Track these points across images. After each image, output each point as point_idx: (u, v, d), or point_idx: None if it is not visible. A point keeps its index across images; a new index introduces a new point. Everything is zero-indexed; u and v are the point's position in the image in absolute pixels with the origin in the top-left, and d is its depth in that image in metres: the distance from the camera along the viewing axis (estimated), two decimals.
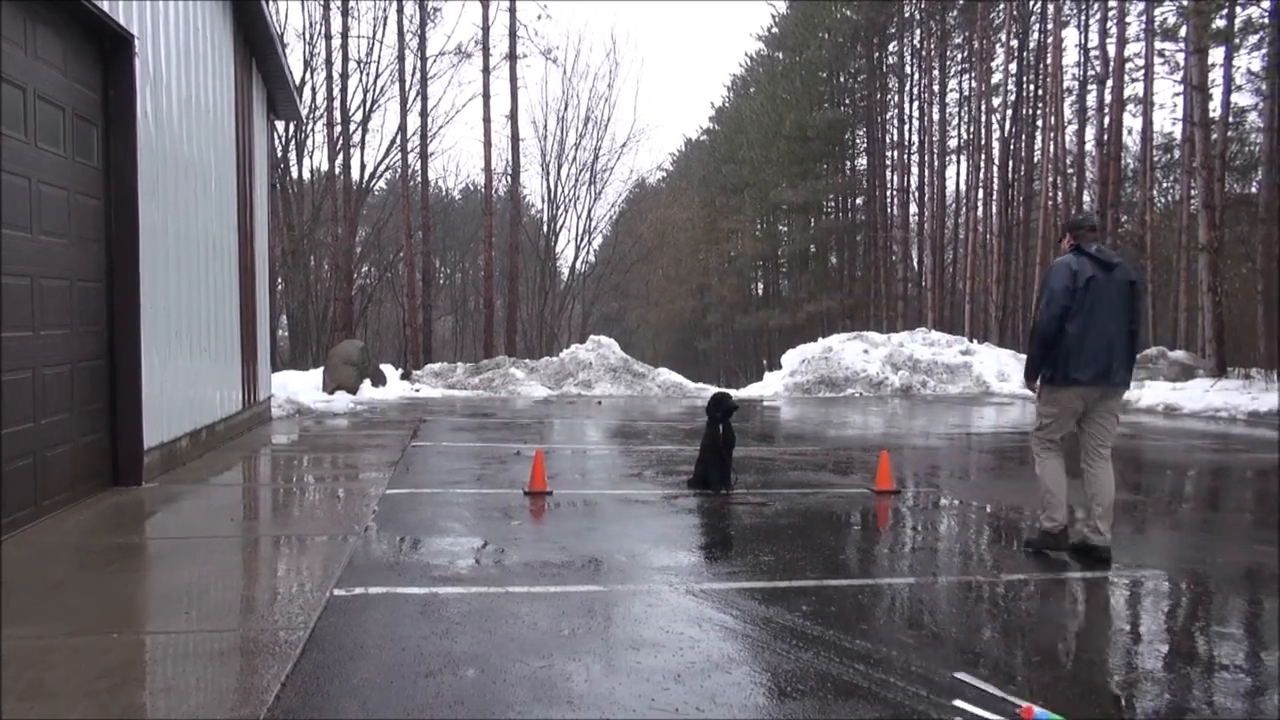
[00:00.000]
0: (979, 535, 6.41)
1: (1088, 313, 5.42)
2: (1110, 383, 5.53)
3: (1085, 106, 33.86)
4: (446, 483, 7.95)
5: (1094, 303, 5.41)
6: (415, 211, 32.44)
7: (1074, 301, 5.41)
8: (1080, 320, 5.42)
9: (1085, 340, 5.43)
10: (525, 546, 5.68)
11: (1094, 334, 5.43)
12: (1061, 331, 5.46)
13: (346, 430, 12.40)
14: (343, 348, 18.89)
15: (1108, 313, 5.43)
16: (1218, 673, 3.81)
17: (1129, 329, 5.53)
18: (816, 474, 8.88)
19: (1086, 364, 5.46)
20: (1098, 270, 5.43)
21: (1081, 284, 5.41)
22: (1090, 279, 5.41)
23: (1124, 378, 5.58)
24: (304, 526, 6.27)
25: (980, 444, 12.06)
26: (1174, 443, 11.96)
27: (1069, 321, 5.44)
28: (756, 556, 5.53)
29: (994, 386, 21.08)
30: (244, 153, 11.42)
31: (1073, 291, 5.41)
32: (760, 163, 47.67)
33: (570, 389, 20.22)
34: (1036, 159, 36.24)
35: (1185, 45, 25.20)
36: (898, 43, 44.87)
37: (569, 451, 10.53)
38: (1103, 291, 5.42)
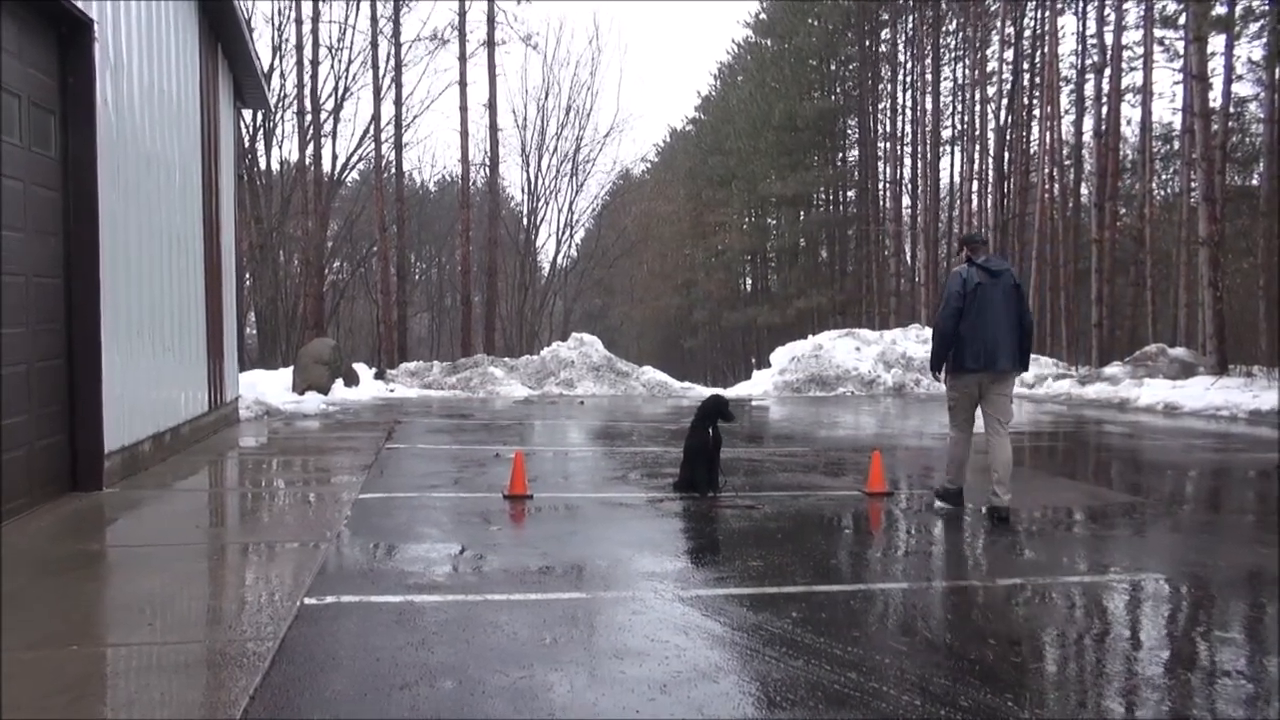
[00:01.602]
0: (974, 538, 6.44)
1: (976, 314, 6.80)
2: (997, 369, 6.88)
3: (1083, 96, 34.10)
4: (422, 486, 7.92)
5: (982, 305, 6.80)
6: (389, 204, 32.33)
7: (965, 305, 6.81)
8: (970, 320, 6.81)
9: (975, 336, 6.81)
10: (505, 552, 5.67)
11: (982, 330, 6.80)
12: (956, 330, 6.85)
13: (318, 432, 12.33)
14: (314, 346, 18.80)
15: (994, 313, 6.81)
16: (1219, 679, 3.84)
17: (1017, 323, 6.89)
18: (807, 476, 8.90)
19: (976, 355, 6.83)
20: (985, 278, 6.83)
21: (971, 290, 6.81)
22: (979, 285, 6.81)
23: (1009, 364, 6.90)
24: (273, 533, 6.24)
25: (975, 444, 12.10)
26: (1174, 442, 12.05)
27: (962, 322, 6.83)
28: (745, 561, 5.54)
29: None
30: (210, 142, 11.35)
31: (964, 296, 6.81)
32: (748, 154, 47.75)
33: (551, 389, 20.20)
34: (1033, 150, 36.45)
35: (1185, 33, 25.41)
36: (890, 29, 45.04)
37: (550, 454, 10.51)
38: (989, 295, 6.81)
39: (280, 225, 34.67)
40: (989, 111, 38.00)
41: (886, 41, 45.65)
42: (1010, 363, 6.88)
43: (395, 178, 32.70)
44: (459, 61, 30.53)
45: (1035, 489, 8.37)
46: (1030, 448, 12.15)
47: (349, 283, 45.03)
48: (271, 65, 33.41)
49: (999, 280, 6.82)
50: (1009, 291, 6.84)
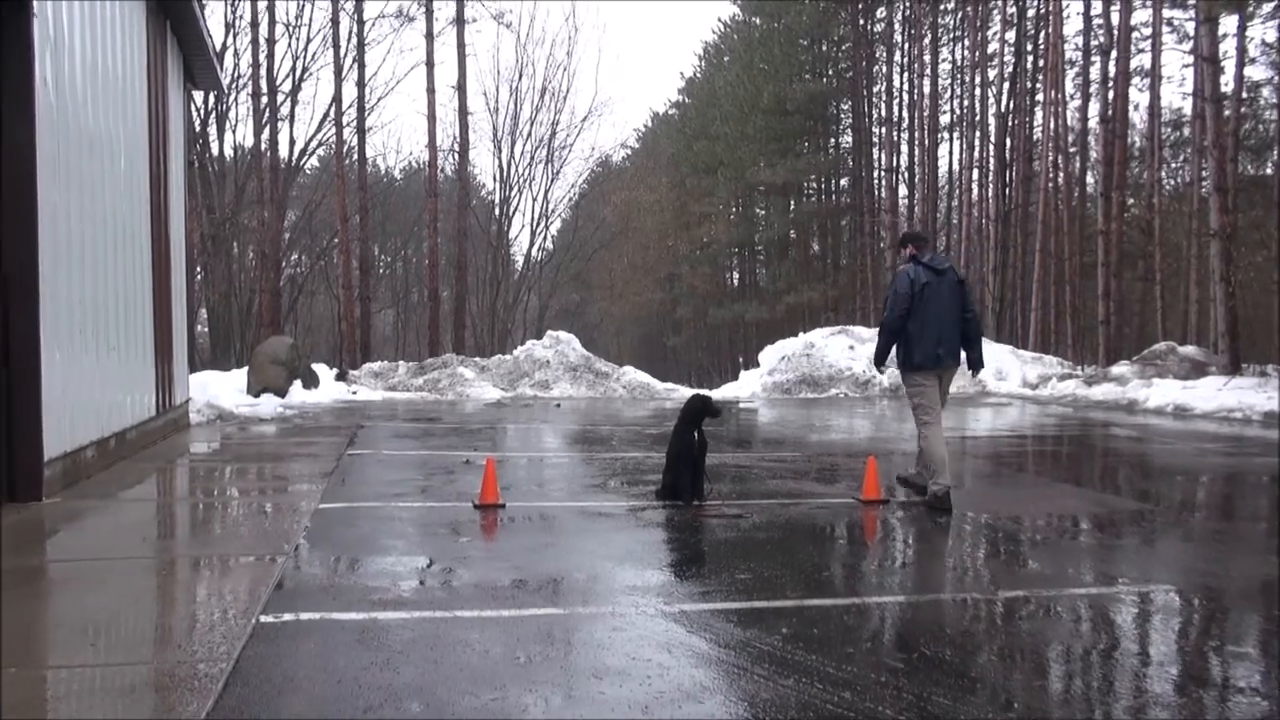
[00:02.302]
0: (975, 548, 6.48)
1: (925, 312, 7.51)
2: (943, 366, 7.62)
3: (1088, 80, 34.30)
4: (387, 495, 7.90)
5: (928, 303, 7.50)
6: (351, 193, 32.19)
7: (913, 304, 7.49)
8: (920, 318, 7.51)
9: (924, 333, 7.53)
10: (476, 566, 5.65)
11: (930, 327, 7.52)
12: (905, 328, 7.55)
13: (274, 437, 12.27)
14: (270, 345, 18.70)
15: (937, 310, 7.53)
16: (1233, 696, 3.88)
17: (963, 317, 7.64)
18: (798, 482, 8.92)
19: (926, 351, 7.55)
20: (931, 276, 7.52)
21: (919, 289, 7.49)
22: (925, 284, 7.49)
23: (955, 360, 7.68)
24: (226, 546, 6.20)
25: (975, 448, 12.18)
26: (1184, 446, 12.16)
27: (910, 320, 7.52)
28: (732, 574, 5.55)
29: (991, 385, 21.32)
30: (158, 126, 11.26)
31: (911, 296, 7.49)
32: (735, 139, 47.82)
33: (526, 390, 20.16)
34: (1036, 137, 36.65)
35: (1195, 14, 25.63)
36: (885, 8, 45.20)
37: (524, 460, 10.50)
38: (936, 293, 7.51)
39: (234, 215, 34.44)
40: (990, 95, 38.24)
41: (882, 20, 45.83)
42: (955, 359, 7.69)
43: (358, 164, 32.55)
44: (426, 40, 30.45)
45: (1039, 496, 8.42)
46: (1034, 452, 12.23)
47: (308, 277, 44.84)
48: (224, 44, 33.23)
49: (944, 278, 7.58)
50: (953, 288, 7.61)
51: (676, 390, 21.33)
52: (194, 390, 14.15)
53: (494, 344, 42.33)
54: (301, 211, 42.28)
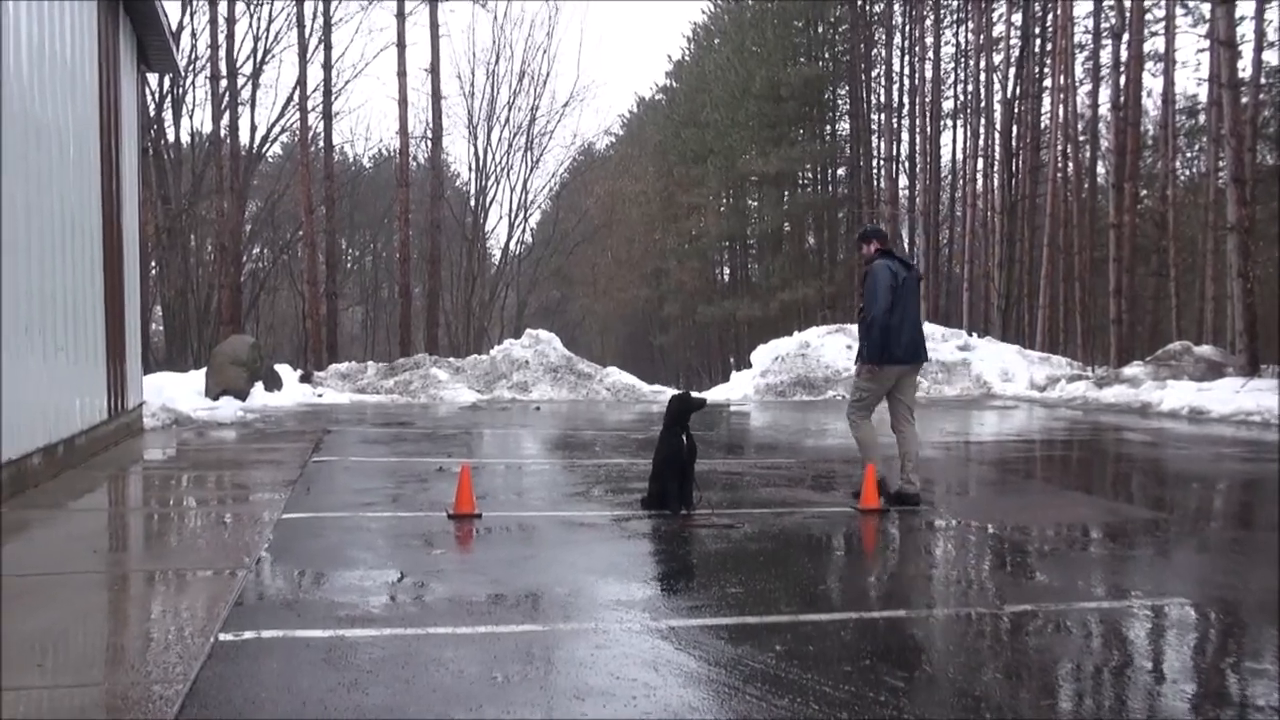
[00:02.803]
0: (980, 560, 6.50)
1: (902, 306, 7.95)
2: (918, 359, 8.19)
3: (1099, 64, 34.52)
4: (355, 505, 7.87)
5: (904, 297, 7.97)
6: (317, 182, 32.09)
7: (896, 297, 7.90)
8: (899, 313, 7.93)
9: (903, 328, 7.96)
10: (450, 579, 5.64)
11: (908, 323, 8.00)
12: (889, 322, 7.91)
13: (234, 443, 12.22)
14: (229, 345, 18.63)
15: (912, 304, 8.06)
16: (1252, 716, 3.90)
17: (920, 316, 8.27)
18: (792, 490, 8.94)
19: (905, 346, 8.00)
20: (904, 271, 8.01)
21: (900, 283, 7.92)
22: (904, 279, 7.96)
23: (926, 355, 8.40)
24: (183, 559, 6.17)
25: (981, 454, 12.23)
26: (1200, 451, 12.23)
27: (892, 315, 7.90)
28: (723, 588, 5.55)
29: (996, 387, 21.41)
30: (109, 111, 11.20)
31: (895, 289, 7.90)
32: (726, 126, 47.89)
33: (503, 392, 20.14)
34: (1044, 125, 36.83)
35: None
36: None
37: (501, 467, 10.48)
38: (909, 288, 8.02)
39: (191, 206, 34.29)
40: (995, 80, 38.37)
41: (881, 1, 45.97)
42: (926, 354, 8.42)
43: (324, 152, 32.46)
44: (397, 20, 30.39)
45: (1048, 505, 8.46)
46: (1042, 458, 12.28)
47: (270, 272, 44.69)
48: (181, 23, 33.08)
49: (911, 273, 8.12)
50: (916, 284, 8.19)
51: (663, 392, 21.33)
52: (148, 393, 14.08)
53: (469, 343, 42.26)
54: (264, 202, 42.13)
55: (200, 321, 34.30)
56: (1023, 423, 16.16)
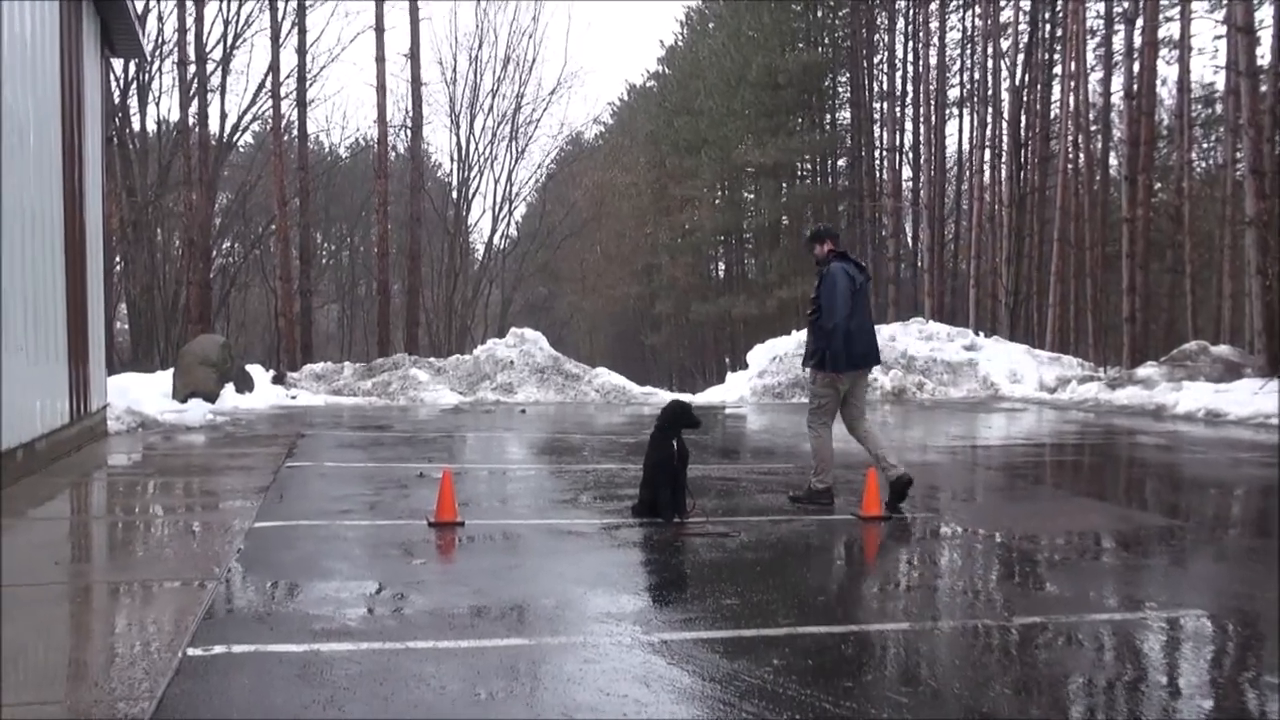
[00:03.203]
0: (987, 570, 6.51)
1: (858, 310, 8.21)
2: (870, 363, 8.48)
3: (1111, 51, 34.56)
4: (331, 513, 7.86)
5: (859, 301, 8.23)
6: (290, 173, 32.01)
7: (855, 302, 8.16)
8: (857, 317, 8.19)
9: (861, 332, 8.23)
10: (431, 591, 5.63)
11: (864, 327, 8.29)
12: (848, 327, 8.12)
13: (203, 448, 12.19)
14: (198, 344, 18.59)
15: (865, 308, 8.35)
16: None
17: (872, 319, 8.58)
18: None
19: (862, 351, 8.26)
20: (858, 274, 8.26)
21: (858, 287, 8.20)
22: (862, 284, 8.25)
23: (879, 357, 8.77)
24: (149, 570, 6.15)
25: (988, 459, 12.25)
26: (1217, 455, 12.27)
27: (851, 319, 8.11)
28: (718, 599, 5.55)
29: (1004, 389, 21.46)
30: (71, 98, 11.16)
31: (853, 293, 8.14)
32: (721, 115, 47.91)
33: (487, 394, 20.13)
34: (1054, 114, 36.89)
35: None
36: None
37: (485, 472, 10.47)
38: (860, 291, 8.26)
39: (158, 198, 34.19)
40: (1003, 68, 38.43)
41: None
42: (879, 358, 8.76)
43: (298, 141, 32.40)
44: (374, 2, 30.32)
45: (1058, 512, 8.48)
46: (1052, 463, 12.31)
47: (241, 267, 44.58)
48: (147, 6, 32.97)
49: (864, 275, 8.37)
50: (866, 287, 8.42)
51: (655, 394, 21.33)
52: (113, 395, 14.04)
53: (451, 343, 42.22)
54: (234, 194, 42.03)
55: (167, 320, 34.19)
56: (1032, 426, 16.20)
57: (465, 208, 49.96)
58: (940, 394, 21.14)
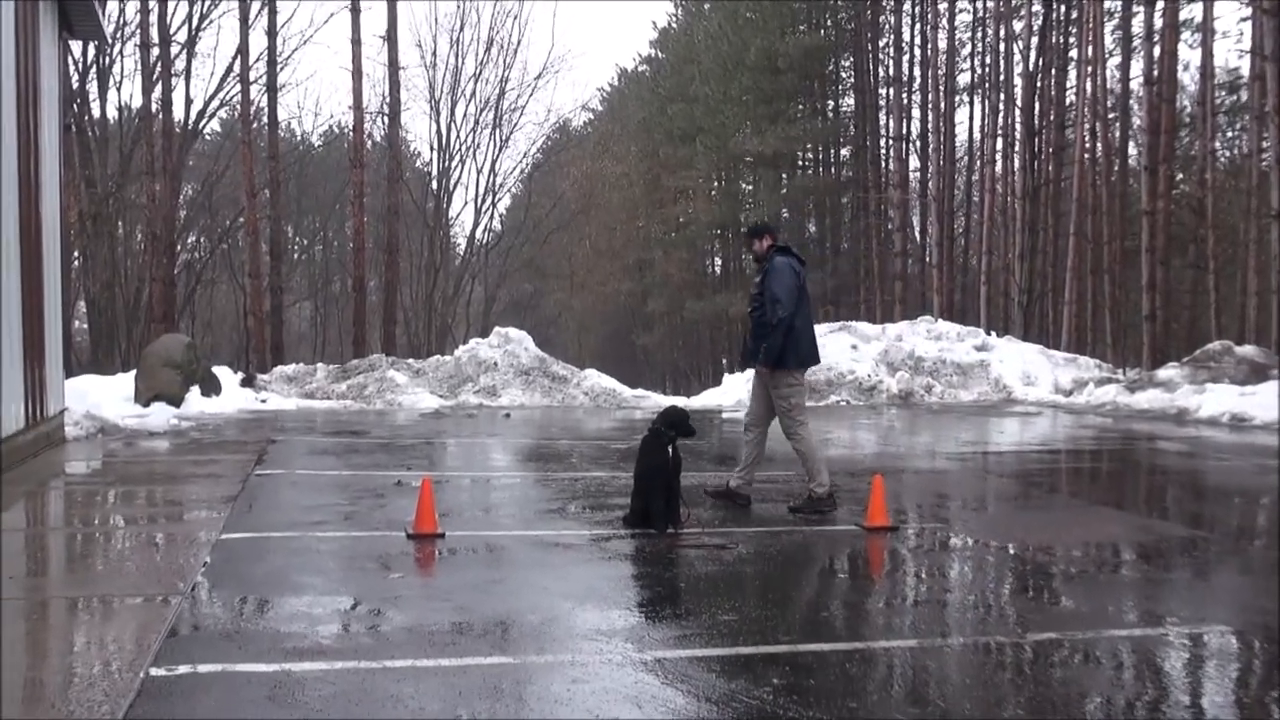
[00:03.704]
0: (999, 584, 6.52)
1: (805, 306, 8.48)
2: (812, 363, 8.69)
3: (1130, 34, 34.66)
4: (303, 524, 7.85)
5: (803, 296, 8.47)
6: (260, 162, 31.95)
7: (800, 296, 8.38)
8: (803, 313, 8.44)
9: (808, 329, 8.51)
10: (409, 606, 5.63)
11: (810, 323, 8.59)
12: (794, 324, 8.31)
13: (168, 455, 12.16)
14: (162, 345, 18.54)
15: (809, 304, 8.62)
16: None
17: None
18: None
19: (811, 347, 8.57)
20: (800, 268, 8.49)
21: (801, 281, 8.42)
22: (804, 278, 8.48)
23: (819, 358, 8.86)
24: (109, 585, 6.14)
25: (1000, 466, 12.27)
26: (1242, 462, 12.30)
27: (797, 316, 8.32)
28: (714, 615, 5.55)
29: (1017, 391, 21.49)
30: (26, 83, 11.13)
31: (799, 289, 8.37)
32: (717, 101, 47.94)
33: (469, 398, 20.12)
34: (1070, 101, 36.95)
35: None
36: None
37: (467, 480, 10.46)
38: (804, 286, 8.50)
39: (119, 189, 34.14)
40: (1015, 52, 38.53)
41: None
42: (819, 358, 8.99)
43: (268, 129, 32.32)
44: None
45: (1074, 522, 8.50)
46: (1068, 470, 12.34)
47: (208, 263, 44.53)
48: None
49: (804, 270, 8.60)
50: (805, 281, 8.61)
51: (648, 398, 21.33)
52: (71, 399, 13.99)
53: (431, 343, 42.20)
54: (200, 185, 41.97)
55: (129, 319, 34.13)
56: (1046, 431, 16.23)
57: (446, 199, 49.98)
58: (950, 397, 21.17)
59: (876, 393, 21.09)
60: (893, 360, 22.06)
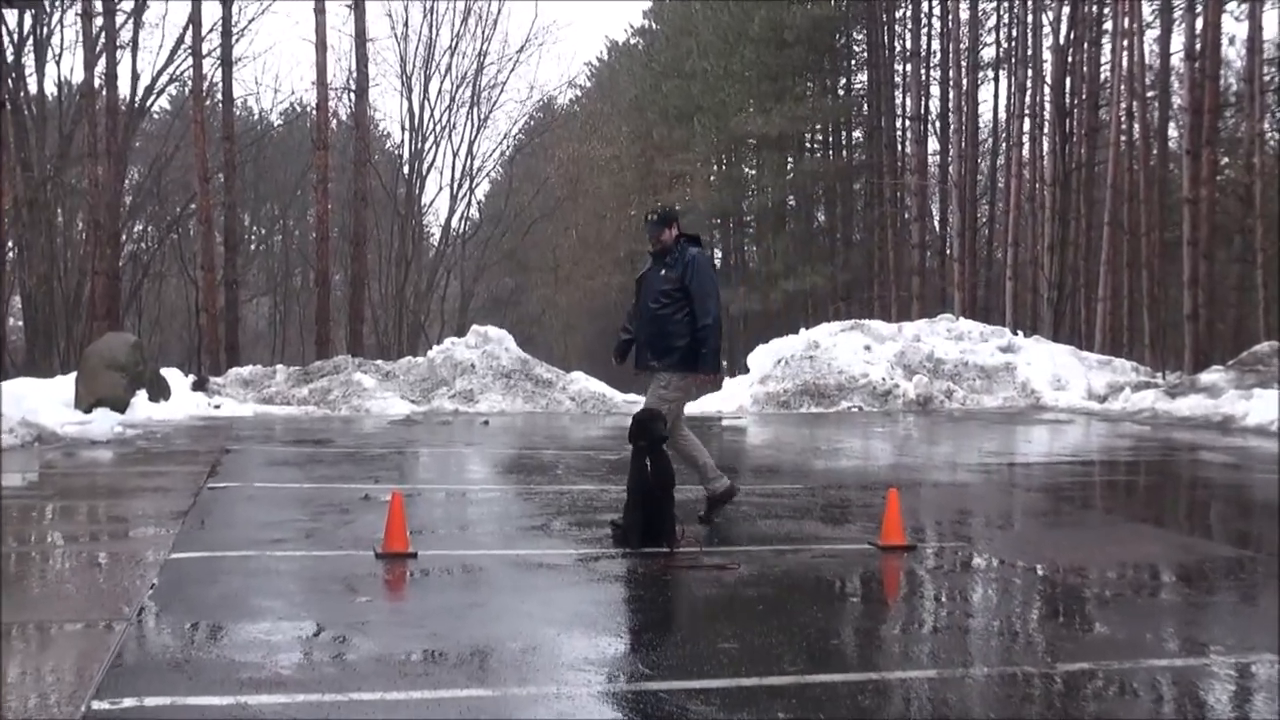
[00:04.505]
0: (1027, 608, 6.52)
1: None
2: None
3: (1170, 3, 34.70)
4: (261, 542, 7.83)
5: None
6: (214, 144, 31.93)
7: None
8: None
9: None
10: (378, 633, 5.62)
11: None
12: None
13: (111, 466, 12.13)
14: (105, 345, 18.50)
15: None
16: None
17: None
18: (798, 523, 8.96)
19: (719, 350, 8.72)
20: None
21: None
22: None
23: None
24: (46, 610, 6.12)
25: (1028, 479, 12.28)
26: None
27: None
28: (714, 643, 5.55)
29: (1046, 397, 21.53)
30: None
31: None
32: (717, 78, 47.96)
33: (443, 403, 20.11)
34: (1104, 77, 36.99)
35: None
36: None
37: (441, 494, 10.45)
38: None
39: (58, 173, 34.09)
40: (1045, 23, 38.58)
41: None
42: None
43: (222, 106, 32.31)
44: None
45: (1109, 540, 8.50)
46: (1102, 483, 12.36)
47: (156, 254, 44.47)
48: None
49: None
50: None
51: (640, 403, 21.32)
52: (5, 404, 13.95)
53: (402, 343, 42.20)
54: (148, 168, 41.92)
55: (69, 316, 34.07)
56: (1079, 440, 16.26)
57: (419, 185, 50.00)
58: (972, 403, 21.19)
59: (892, 398, 21.11)
60: (910, 362, 22.08)
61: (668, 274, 8.50)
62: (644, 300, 8.67)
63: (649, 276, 8.74)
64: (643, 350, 8.74)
